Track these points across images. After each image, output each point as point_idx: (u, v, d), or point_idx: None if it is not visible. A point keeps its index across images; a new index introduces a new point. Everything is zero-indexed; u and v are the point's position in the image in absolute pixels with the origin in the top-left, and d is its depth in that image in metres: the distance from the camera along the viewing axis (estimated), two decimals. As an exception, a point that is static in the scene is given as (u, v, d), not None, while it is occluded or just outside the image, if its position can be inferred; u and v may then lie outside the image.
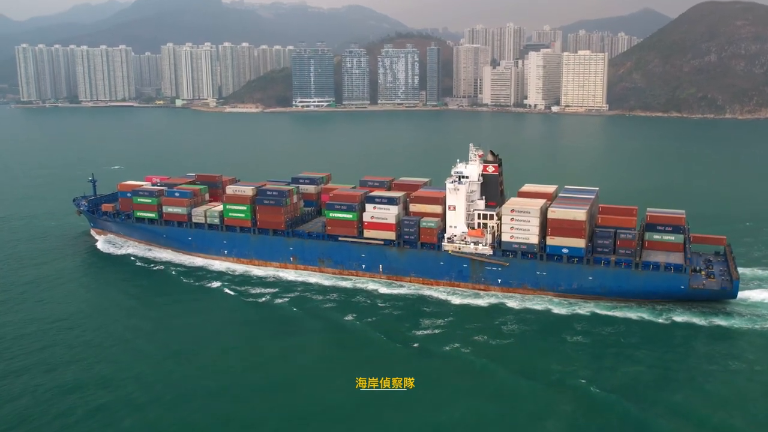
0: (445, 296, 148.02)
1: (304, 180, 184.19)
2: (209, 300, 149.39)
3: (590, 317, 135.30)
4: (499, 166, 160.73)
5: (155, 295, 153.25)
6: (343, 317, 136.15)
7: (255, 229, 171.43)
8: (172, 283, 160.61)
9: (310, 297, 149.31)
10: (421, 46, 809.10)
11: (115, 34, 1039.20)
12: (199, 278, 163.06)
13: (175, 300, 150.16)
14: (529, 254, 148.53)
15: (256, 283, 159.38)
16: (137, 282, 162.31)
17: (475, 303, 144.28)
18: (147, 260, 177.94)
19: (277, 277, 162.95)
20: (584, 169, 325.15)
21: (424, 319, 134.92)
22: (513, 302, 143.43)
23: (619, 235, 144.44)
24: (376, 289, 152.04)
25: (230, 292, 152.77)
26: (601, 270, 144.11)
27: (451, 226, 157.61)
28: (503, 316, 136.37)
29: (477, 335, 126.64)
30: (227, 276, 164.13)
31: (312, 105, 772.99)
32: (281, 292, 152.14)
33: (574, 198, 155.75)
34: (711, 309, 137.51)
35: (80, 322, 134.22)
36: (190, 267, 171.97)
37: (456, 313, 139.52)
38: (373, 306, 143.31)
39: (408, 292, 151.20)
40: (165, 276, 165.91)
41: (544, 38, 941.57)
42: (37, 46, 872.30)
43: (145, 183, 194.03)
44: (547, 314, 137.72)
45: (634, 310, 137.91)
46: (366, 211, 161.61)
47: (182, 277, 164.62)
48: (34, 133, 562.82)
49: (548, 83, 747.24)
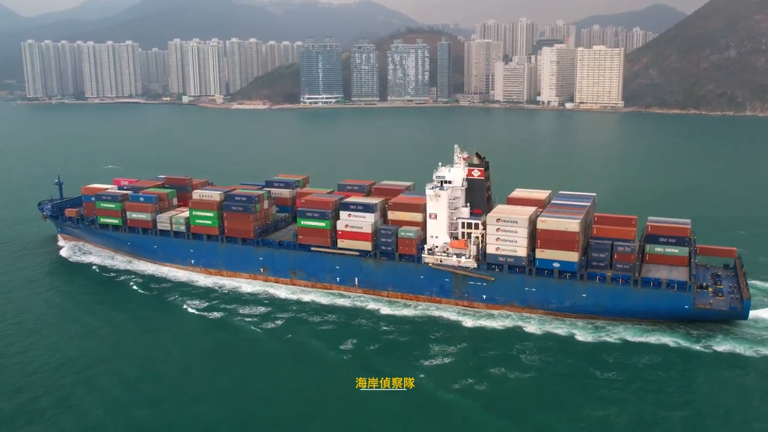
0: (455, 317, 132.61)
1: (278, 183, 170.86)
2: (168, 319, 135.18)
3: (621, 346, 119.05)
4: (485, 169, 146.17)
5: (113, 310, 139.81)
6: (340, 344, 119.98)
7: (223, 238, 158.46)
8: (132, 298, 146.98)
9: (288, 317, 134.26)
10: (431, 42, 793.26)
11: (123, 30, 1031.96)
12: (161, 291, 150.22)
13: (133, 317, 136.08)
14: (516, 268, 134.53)
15: (229, 298, 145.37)
16: (96, 295, 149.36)
17: (489, 326, 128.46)
18: (110, 270, 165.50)
19: (247, 291, 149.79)
20: (587, 171, 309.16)
21: (433, 345, 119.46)
22: (532, 326, 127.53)
23: (617, 248, 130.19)
24: (377, 309, 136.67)
25: (192, 310, 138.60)
26: (596, 287, 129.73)
27: (432, 236, 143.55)
28: (521, 343, 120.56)
29: (493, 367, 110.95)
30: (192, 289, 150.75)
31: (320, 101, 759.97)
32: (252, 309, 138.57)
33: (568, 205, 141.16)
34: (717, 330, 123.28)
35: (22, 341, 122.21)
36: (154, 278, 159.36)
37: (469, 338, 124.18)
38: (375, 330, 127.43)
39: (414, 313, 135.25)
40: (125, 289, 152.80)
41: (557, 33, 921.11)
42: (44, 42, 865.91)
43: (110, 186, 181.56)
44: (571, 342, 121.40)
45: (668, 334, 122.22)
46: (340, 218, 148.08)
47: (143, 290, 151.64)
48: (35, 130, 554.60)
49: (562, 79, 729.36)
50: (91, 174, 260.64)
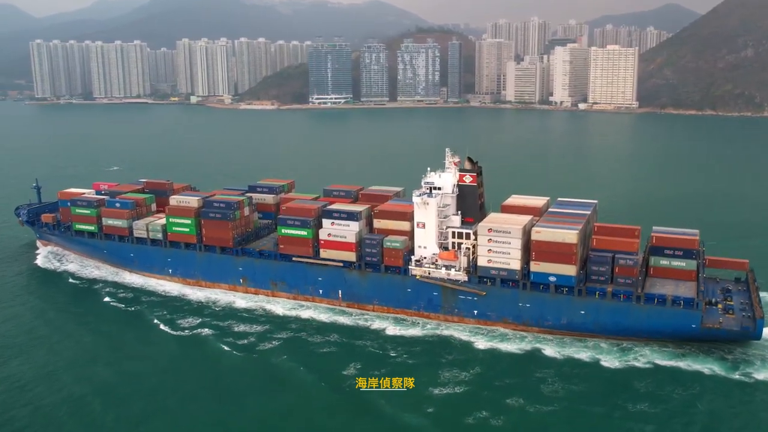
0: (467, 337, 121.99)
1: (261, 188, 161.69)
2: (138, 340, 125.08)
3: (652, 372, 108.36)
4: (478, 175, 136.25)
5: (81, 327, 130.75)
6: (342, 369, 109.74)
7: (201, 246, 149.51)
8: (103, 313, 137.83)
9: (286, 337, 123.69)
10: (442, 41, 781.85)
11: (132, 30, 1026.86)
12: (135, 305, 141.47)
13: (101, 336, 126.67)
14: (510, 282, 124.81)
15: (203, 312, 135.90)
16: (65, 310, 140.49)
17: (504, 348, 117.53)
18: (84, 280, 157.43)
19: (227, 305, 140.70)
20: (592, 175, 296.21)
21: (443, 371, 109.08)
22: (550, 349, 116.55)
23: (618, 261, 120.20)
24: (383, 329, 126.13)
25: (165, 327, 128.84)
26: (595, 303, 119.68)
27: (420, 246, 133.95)
28: (541, 370, 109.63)
29: (510, 397, 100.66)
30: (166, 301, 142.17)
31: (329, 102, 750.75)
32: (235, 326, 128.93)
33: (566, 214, 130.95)
34: (755, 356, 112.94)
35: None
36: (129, 289, 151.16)
37: (483, 361, 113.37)
38: (382, 353, 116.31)
39: (423, 332, 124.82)
40: (97, 302, 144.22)
41: (570, 33, 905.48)
42: (52, 42, 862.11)
43: (88, 191, 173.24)
44: (596, 368, 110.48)
45: (701, 360, 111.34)
46: (323, 227, 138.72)
47: (117, 302, 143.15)
48: (39, 130, 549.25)
49: (575, 79, 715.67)
50: (91, 175, 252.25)
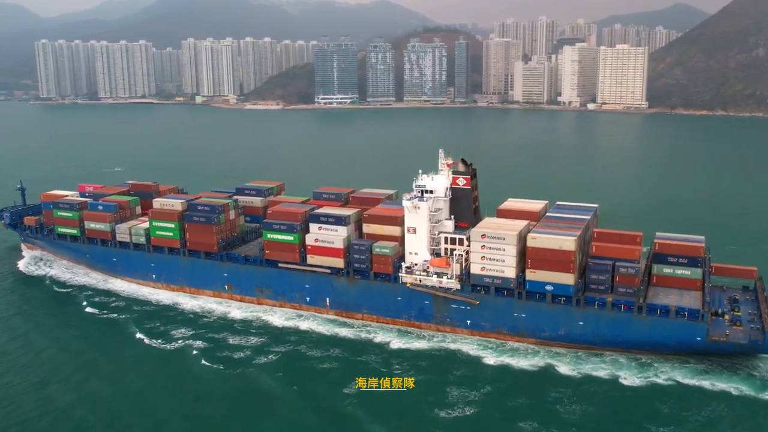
0: (475, 350, 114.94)
1: (249, 191, 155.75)
2: (114, 352, 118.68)
3: (675, 391, 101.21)
4: (472, 177, 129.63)
5: (51, 337, 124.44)
6: (343, 387, 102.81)
7: (184, 251, 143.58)
8: (81, 322, 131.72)
9: (285, 351, 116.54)
10: (448, 41, 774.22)
11: (139, 30, 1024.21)
12: (115, 312, 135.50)
13: (72, 348, 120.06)
14: (504, 291, 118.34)
15: (188, 322, 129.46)
16: (42, 318, 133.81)
17: (516, 364, 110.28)
18: (65, 286, 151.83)
19: (210, 312, 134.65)
20: (595, 177, 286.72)
21: (452, 389, 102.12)
22: (565, 366, 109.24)
23: (619, 269, 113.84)
24: (387, 343, 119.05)
25: (148, 340, 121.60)
26: (594, 313, 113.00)
27: (411, 252, 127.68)
28: (556, 388, 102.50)
29: (524, 420, 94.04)
30: (152, 311, 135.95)
31: (335, 102, 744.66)
32: (230, 339, 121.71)
33: (564, 219, 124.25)
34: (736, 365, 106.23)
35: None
36: (113, 295, 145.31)
37: (493, 379, 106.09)
38: (386, 369, 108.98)
39: (429, 346, 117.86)
40: (76, 310, 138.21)
41: (578, 32, 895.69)
42: (57, 42, 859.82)
43: (71, 193, 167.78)
44: (616, 387, 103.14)
45: (726, 378, 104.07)
46: (309, 232, 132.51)
47: (98, 310, 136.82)
48: (42, 130, 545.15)
49: (584, 79, 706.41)
50: (90, 176, 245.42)
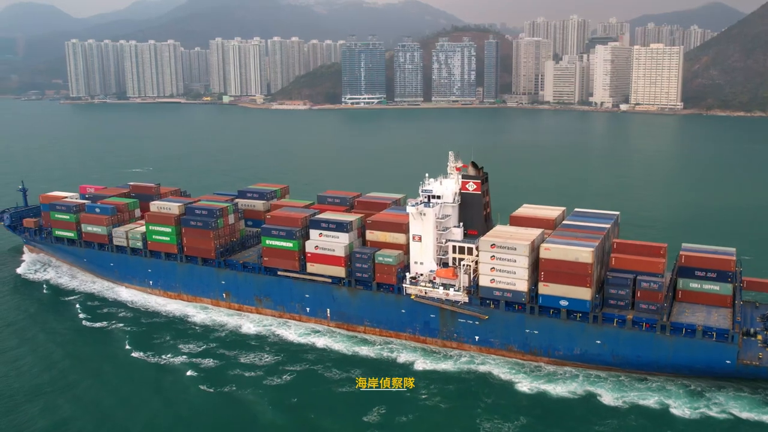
0: (507, 374, 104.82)
1: (251, 193, 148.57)
2: (107, 368, 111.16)
3: (732, 425, 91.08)
4: (482, 182, 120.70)
5: (36, 350, 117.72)
6: (363, 415, 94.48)
7: (182, 257, 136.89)
8: (72, 333, 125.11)
9: (300, 370, 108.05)
10: (478, 40, 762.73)
11: (168, 30, 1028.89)
12: (111, 321, 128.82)
13: (55, 363, 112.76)
14: (515, 305, 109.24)
15: (198, 335, 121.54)
16: (28, 325, 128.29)
17: (554, 391, 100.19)
18: (61, 291, 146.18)
19: (222, 325, 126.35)
20: (619, 182, 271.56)
21: (483, 421, 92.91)
22: (608, 394, 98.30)
23: (640, 284, 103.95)
24: (411, 362, 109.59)
25: (135, 352, 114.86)
26: (613, 331, 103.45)
27: (416, 261, 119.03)
28: (601, 421, 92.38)
29: None
30: (157, 322, 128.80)
31: (362, 102, 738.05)
32: (242, 357, 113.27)
33: (582, 228, 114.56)
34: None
35: None
36: (107, 301, 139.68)
37: (529, 409, 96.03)
38: (410, 396, 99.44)
39: (456, 367, 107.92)
40: (72, 319, 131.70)
41: (610, 31, 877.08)
42: (87, 42, 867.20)
43: (71, 194, 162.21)
44: (665, 419, 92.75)
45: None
46: (310, 238, 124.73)
47: (92, 320, 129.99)
48: (68, 129, 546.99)
49: (616, 79, 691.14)
50: (112, 177, 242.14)
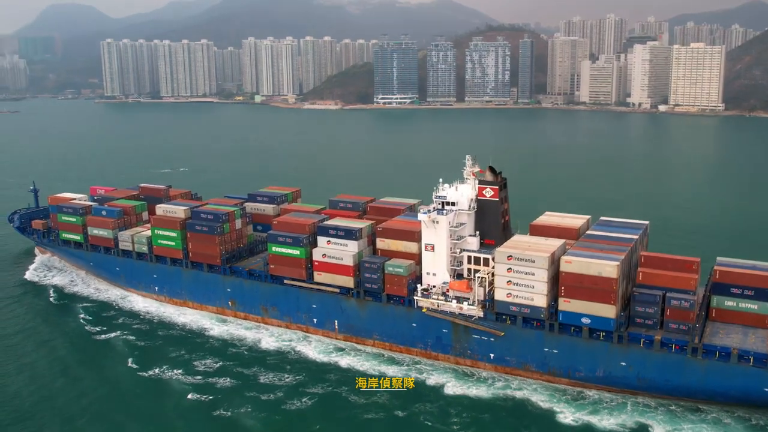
0: (547, 401, 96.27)
1: (261, 197, 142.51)
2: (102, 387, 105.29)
3: None
4: (500, 188, 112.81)
5: (27, 362, 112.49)
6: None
7: (187, 263, 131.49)
8: (70, 344, 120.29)
9: (319, 392, 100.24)
10: (512, 40, 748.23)
11: (202, 30, 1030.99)
12: (114, 329, 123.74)
13: (43, 378, 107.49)
14: (533, 321, 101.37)
15: (215, 350, 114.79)
16: (30, 336, 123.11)
17: (600, 425, 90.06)
18: (66, 296, 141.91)
19: (241, 339, 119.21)
20: (651, 188, 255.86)
21: None
22: (660, 427, 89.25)
23: (670, 301, 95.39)
24: (441, 385, 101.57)
25: (133, 364, 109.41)
26: (639, 353, 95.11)
27: (429, 272, 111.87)
28: None
29: None
30: (155, 329, 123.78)
31: (394, 102, 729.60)
32: (261, 376, 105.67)
33: (607, 239, 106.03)
34: None
35: None
36: (112, 308, 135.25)
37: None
38: (442, 426, 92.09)
39: (491, 393, 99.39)
40: (73, 322, 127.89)
41: (649, 30, 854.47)
42: (121, 42, 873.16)
43: (79, 196, 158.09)
44: None
45: None
46: (318, 246, 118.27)
47: (92, 325, 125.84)
48: (100, 129, 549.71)
49: (655, 79, 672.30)
50: (138, 177, 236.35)
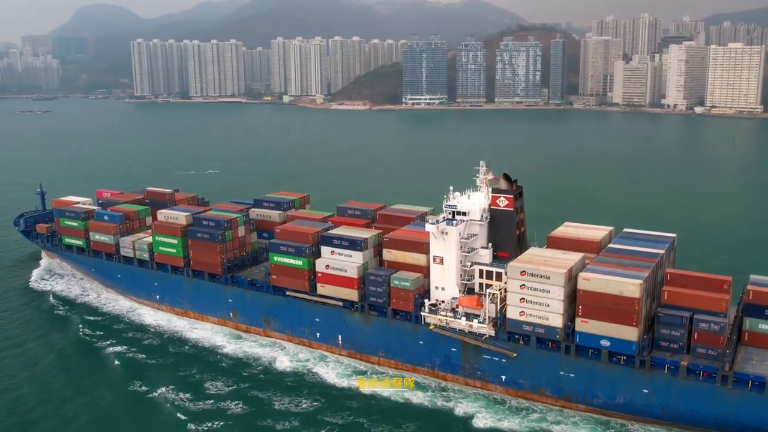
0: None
1: (268, 203, 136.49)
2: None
3: None
4: (515, 197, 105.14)
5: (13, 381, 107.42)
6: None
7: (188, 271, 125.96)
8: (70, 354, 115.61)
9: (329, 421, 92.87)
10: (543, 40, 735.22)
11: (232, 30, 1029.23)
12: (113, 342, 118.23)
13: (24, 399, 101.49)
14: (548, 342, 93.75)
15: (228, 371, 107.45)
16: (22, 344, 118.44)
17: None
18: (67, 303, 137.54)
19: (256, 359, 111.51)
20: (681, 196, 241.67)
21: None
22: None
23: (698, 323, 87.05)
24: (470, 416, 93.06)
25: (138, 385, 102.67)
26: (663, 380, 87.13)
27: (437, 287, 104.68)
28: None
29: None
30: (167, 345, 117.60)
31: (423, 102, 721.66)
32: (276, 401, 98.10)
33: (630, 253, 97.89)
34: None
35: None
36: (117, 319, 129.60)
37: None
38: None
39: (524, 427, 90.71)
40: (72, 334, 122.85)
41: (684, 30, 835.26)
42: (151, 42, 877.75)
43: (84, 199, 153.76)
44: None
45: None
46: (321, 256, 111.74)
47: (92, 338, 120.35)
48: (131, 128, 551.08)
49: (691, 80, 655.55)
50: (160, 179, 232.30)
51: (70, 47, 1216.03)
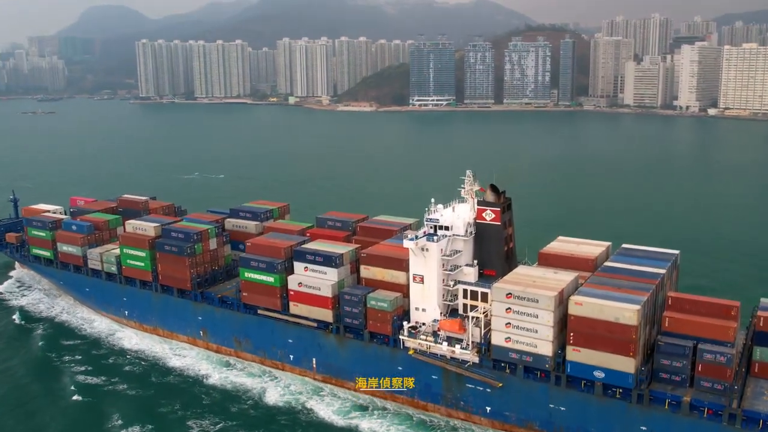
0: None
1: (244, 213, 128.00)
2: None
3: None
4: (504, 210, 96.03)
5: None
6: None
7: (157, 286, 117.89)
8: (30, 381, 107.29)
9: None
10: (553, 40, 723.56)
11: (237, 31, 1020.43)
12: (72, 363, 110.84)
13: None
14: (537, 372, 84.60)
15: (214, 407, 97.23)
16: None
17: None
18: (32, 320, 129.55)
19: (245, 391, 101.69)
20: (689, 207, 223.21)
21: None
22: None
23: (703, 354, 77.83)
24: None
25: (117, 420, 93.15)
26: (664, 416, 78.11)
27: (417, 308, 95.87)
28: None
29: None
30: (149, 374, 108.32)
31: (430, 103, 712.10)
32: None
33: (629, 272, 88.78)
34: None
35: None
36: (83, 336, 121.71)
37: None
38: None
39: None
40: (30, 353, 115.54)
41: (695, 30, 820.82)
42: (156, 42, 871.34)
43: (55, 207, 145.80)
44: None
45: None
46: (294, 272, 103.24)
47: (60, 362, 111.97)
48: (133, 130, 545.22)
49: (704, 81, 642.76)
50: (163, 184, 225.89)
51: (76, 47, 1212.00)
